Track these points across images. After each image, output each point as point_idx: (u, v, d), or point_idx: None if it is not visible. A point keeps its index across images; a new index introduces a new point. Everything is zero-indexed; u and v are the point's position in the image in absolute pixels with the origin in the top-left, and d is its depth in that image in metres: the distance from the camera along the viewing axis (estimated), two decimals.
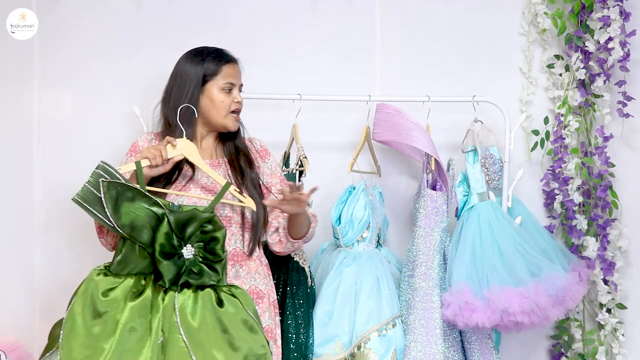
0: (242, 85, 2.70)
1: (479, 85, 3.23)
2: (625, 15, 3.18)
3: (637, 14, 3.23)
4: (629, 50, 3.20)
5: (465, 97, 3.13)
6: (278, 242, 2.72)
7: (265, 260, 2.72)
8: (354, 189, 3.06)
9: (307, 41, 3.29)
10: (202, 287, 2.44)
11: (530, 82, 3.33)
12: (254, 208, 2.60)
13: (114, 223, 2.39)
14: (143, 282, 2.43)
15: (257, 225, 2.64)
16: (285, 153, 3.12)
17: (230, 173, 2.65)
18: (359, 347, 2.85)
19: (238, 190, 2.58)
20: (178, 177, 2.59)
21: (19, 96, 3.20)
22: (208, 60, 2.63)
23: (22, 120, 3.20)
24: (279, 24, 3.28)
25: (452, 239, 2.99)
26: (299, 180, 2.99)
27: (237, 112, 2.66)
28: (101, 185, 2.39)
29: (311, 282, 2.98)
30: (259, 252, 2.69)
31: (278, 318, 2.73)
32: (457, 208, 3.10)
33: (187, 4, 3.23)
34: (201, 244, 2.44)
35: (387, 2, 3.31)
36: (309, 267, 3.00)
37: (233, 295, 2.46)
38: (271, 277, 2.75)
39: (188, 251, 2.43)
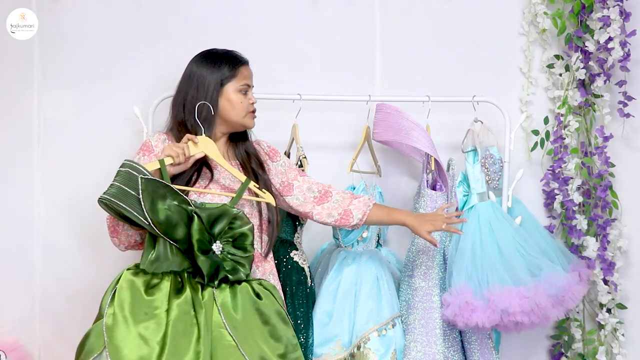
0: (253, 86, 2.73)
1: (479, 85, 3.22)
2: (625, 15, 3.18)
3: (637, 14, 3.23)
4: (629, 50, 3.20)
5: (465, 97, 3.13)
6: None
7: (273, 262, 2.75)
8: (354, 189, 3.06)
9: (307, 41, 3.29)
10: (238, 282, 2.48)
11: (530, 82, 3.33)
12: (273, 203, 2.65)
13: (149, 220, 2.38)
14: (180, 279, 2.44)
15: (272, 227, 2.67)
16: (285, 153, 3.12)
17: None
18: (358, 347, 2.84)
19: (257, 186, 2.61)
20: (197, 178, 2.60)
21: (19, 96, 3.19)
22: (225, 63, 2.65)
23: (22, 120, 3.20)
24: (279, 24, 3.28)
25: (452, 239, 2.99)
26: None
27: (254, 111, 2.70)
28: (140, 182, 2.38)
29: (311, 282, 2.98)
30: (270, 253, 2.72)
31: None
32: (457, 208, 3.10)
33: (187, 5, 3.23)
34: (229, 239, 2.47)
35: (387, 2, 3.31)
36: (308, 267, 3.00)
37: (265, 288, 2.51)
38: (279, 280, 2.78)
39: (217, 247, 2.46)
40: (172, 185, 2.45)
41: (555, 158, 3.27)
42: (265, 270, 2.67)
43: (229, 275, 2.46)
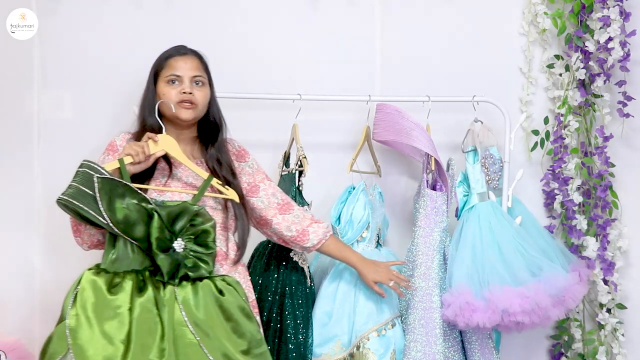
0: (197, 76, 2.65)
1: (479, 85, 3.22)
2: (625, 15, 3.18)
3: (637, 14, 3.23)
4: (629, 50, 3.20)
5: (465, 97, 3.13)
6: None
7: (243, 261, 2.73)
8: (354, 188, 3.06)
9: (307, 41, 3.29)
10: (199, 279, 2.46)
11: (530, 82, 3.33)
12: (237, 200, 2.64)
13: (108, 220, 2.39)
14: (141, 277, 2.44)
15: (242, 222, 2.65)
16: (285, 153, 3.12)
17: None
18: (358, 347, 2.84)
19: (220, 182, 2.61)
20: (154, 174, 2.60)
21: (19, 96, 3.19)
22: (159, 58, 2.68)
23: (22, 120, 3.20)
24: (279, 24, 3.27)
25: (452, 239, 2.99)
26: (299, 180, 2.99)
27: (186, 101, 2.62)
28: (95, 181, 2.39)
29: (310, 282, 2.98)
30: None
31: (258, 317, 2.71)
32: (457, 208, 3.10)
33: (186, 5, 3.23)
34: (191, 237, 2.46)
35: (387, 2, 3.31)
36: (308, 267, 3.00)
37: (229, 284, 2.50)
38: (249, 278, 2.75)
39: (179, 245, 2.46)
40: (130, 184, 2.44)
41: (555, 158, 3.27)
42: (231, 268, 2.64)
43: (189, 273, 2.45)
